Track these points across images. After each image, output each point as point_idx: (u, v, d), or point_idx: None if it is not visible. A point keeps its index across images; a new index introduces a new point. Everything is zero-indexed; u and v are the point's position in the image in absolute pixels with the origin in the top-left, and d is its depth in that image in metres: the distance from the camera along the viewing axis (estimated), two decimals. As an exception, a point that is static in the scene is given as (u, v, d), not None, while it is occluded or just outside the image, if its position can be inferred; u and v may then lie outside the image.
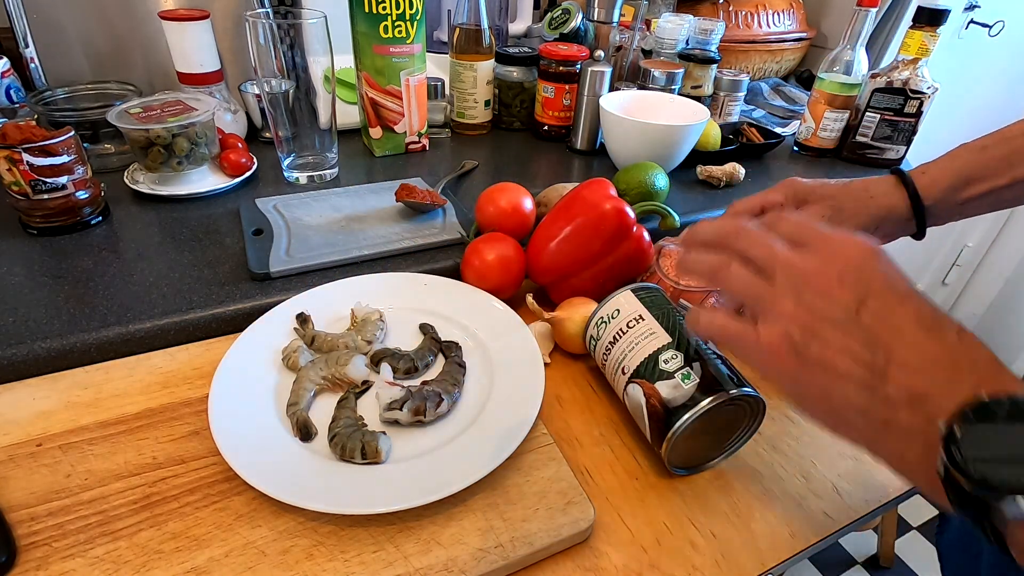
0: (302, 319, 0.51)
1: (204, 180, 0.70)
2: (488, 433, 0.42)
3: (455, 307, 0.54)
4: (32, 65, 0.75)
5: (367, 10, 0.71)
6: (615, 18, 0.96)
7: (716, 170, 0.80)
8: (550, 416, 0.48)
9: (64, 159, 0.57)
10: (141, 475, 0.39)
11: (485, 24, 0.85)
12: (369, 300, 0.53)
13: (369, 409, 0.44)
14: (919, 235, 0.53)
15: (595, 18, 0.97)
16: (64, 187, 0.58)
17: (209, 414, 0.41)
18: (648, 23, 1.00)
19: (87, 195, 0.60)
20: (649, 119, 0.75)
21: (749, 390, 0.40)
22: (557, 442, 0.44)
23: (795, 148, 0.96)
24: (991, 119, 1.70)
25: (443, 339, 0.51)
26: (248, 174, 0.72)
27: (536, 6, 1.14)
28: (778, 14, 1.13)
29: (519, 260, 0.56)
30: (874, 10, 0.83)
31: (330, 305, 0.53)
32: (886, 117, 0.87)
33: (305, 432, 0.42)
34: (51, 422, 0.43)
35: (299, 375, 0.46)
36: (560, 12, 0.99)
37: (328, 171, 0.75)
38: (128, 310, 0.51)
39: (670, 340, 0.43)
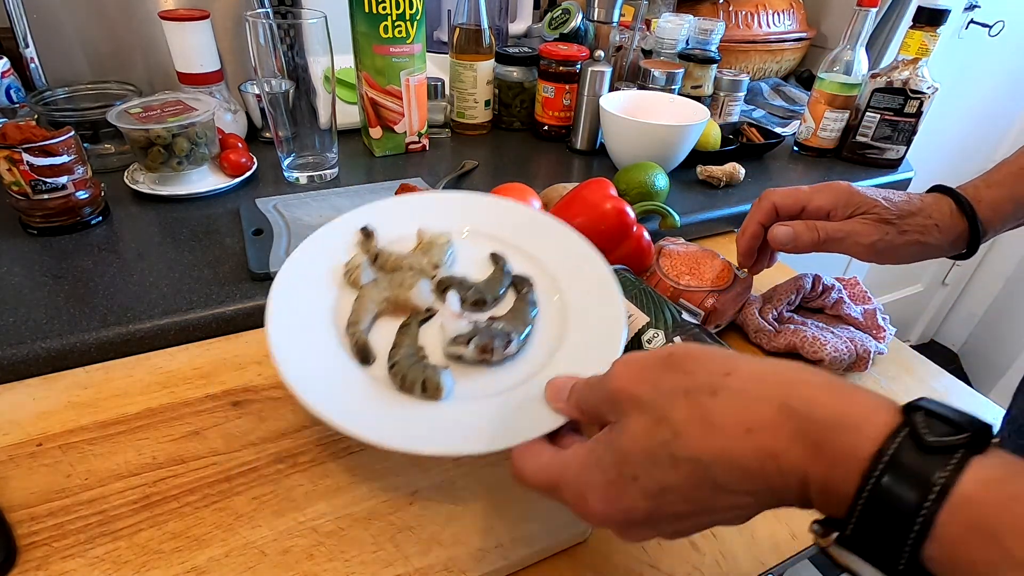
0: (366, 233, 0.47)
1: (204, 180, 0.70)
2: None
3: (530, 238, 0.49)
4: (32, 65, 0.75)
5: (367, 10, 0.71)
6: (615, 18, 0.96)
7: (716, 170, 0.80)
8: (550, 416, 0.48)
9: (64, 159, 0.57)
10: (141, 475, 0.39)
11: (485, 24, 0.85)
12: (438, 220, 0.49)
13: (431, 339, 0.41)
14: (964, 258, 0.50)
15: (595, 18, 0.97)
16: (64, 187, 0.58)
17: (266, 320, 0.39)
18: (648, 23, 1.00)
19: (87, 195, 0.60)
20: (649, 119, 0.75)
21: None
22: (557, 442, 0.44)
23: (795, 148, 0.96)
24: (991, 119, 1.72)
25: (515, 273, 0.46)
26: (248, 174, 0.72)
27: (536, 6, 1.14)
28: (778, 14, 1.13)
29: None
30: (874, 10, 0.83)
31: (395, 221, 0.48)
32: (886, 117, 0.87)
33: (364, 355, 0.39)
34: (51, 422, 0.43)
35: (361, 293, 0.43)
36: (560, 12, 0.99)
37: (328, 171, 0.75)
38: (128, 310, 0.51)
39: (649, 319, 0.45)
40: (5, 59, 0.71)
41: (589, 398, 0.31)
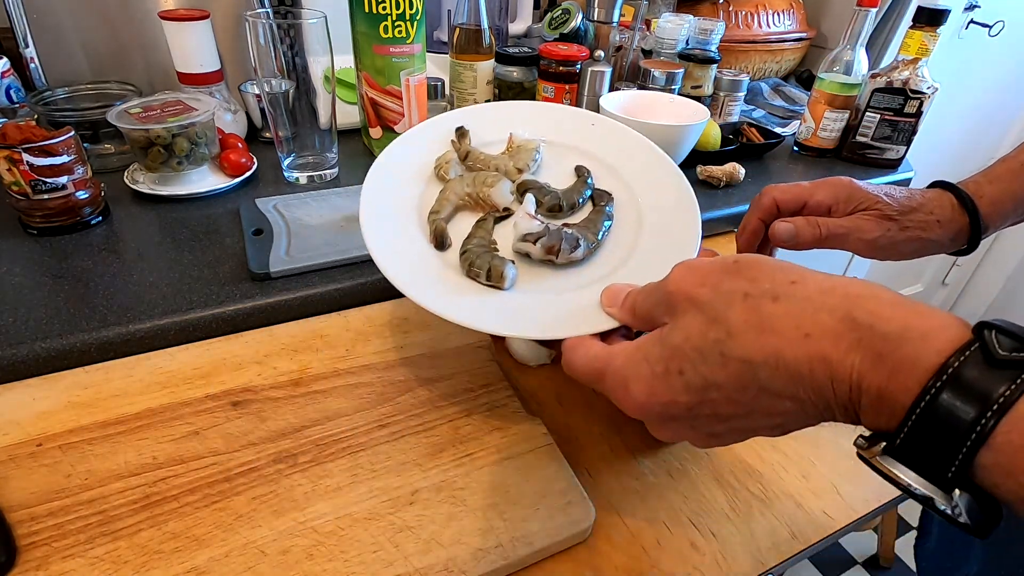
0: (460, 133, 0.50)
1: (204, 180, 0.70)
2: None
3: (619, 154, 0.51)
4: (32, 65, 0.75)
5: (367, 10, 0.71)
6: (615, 18, 0.96)
7: (716, 170, 0.80)
8: (550, 416, 0.48)
9: (64, 159, 0.57)
10: (141, 475, 0.39)
11: (485, 24, 0.85)
12: (531, 129, 0.51)
13: (506, 237, 0.44)
14: (965, 253, 0.51)
15: (595, 18, 0.97)
16: (64, 187, 0.58)
17: (361, 204, 0.43)
18: (648, 23, 1.00)
19: (87, 195, 0.60)
20: (649, 119, 0.75)
21: None
22: (557, 442, 0.44)
23: (795, 148, 0.96)
24: (991, 119, 1.72)
25: (597, 187, 0.48)
26: (248, 174, 0.72)
27: (536, 6, 1.14)
28: (778, 14, 1.13)
29: None
30: (874, 10, 0.83)
31: (491, 125, 0.52)
32: (886, 117, 0.87)
33: (440, 241, 0.43)
34: (51, 422, 0.43)
35: (446, 186, 0.46)
36: (560, 12, 0.99)
37: (328, 171, 0.75)
38: (128, 310, 0.51)
39: None
40: (5, 59, 0.71)
41: (645, 303, 0.32)
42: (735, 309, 0.25)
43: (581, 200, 0.47)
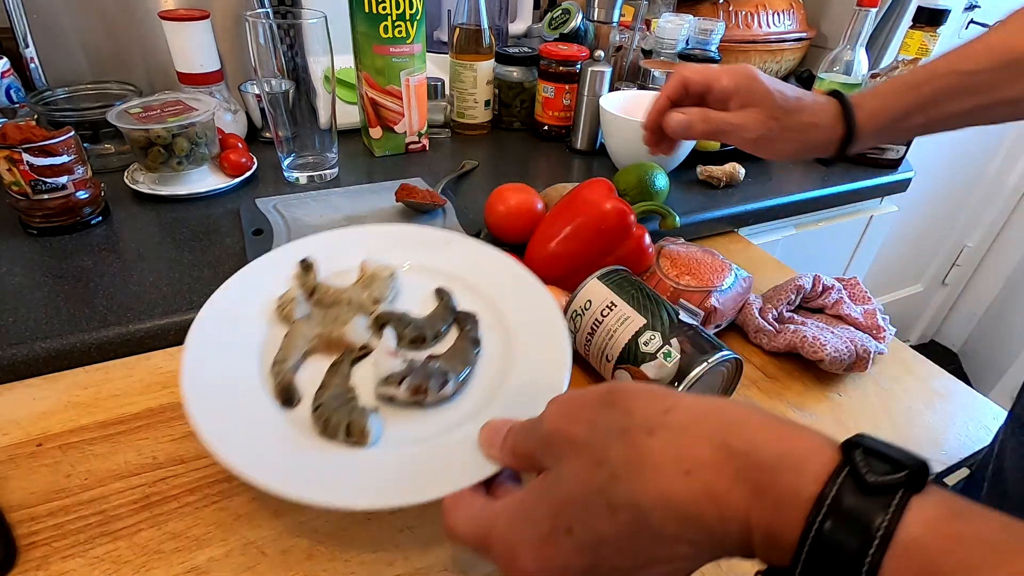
0: (306, 265, 0.46)
1: (204, 180, 0.70)
2: None
3: (479, 273, 0.48)
4: (32, 65, 0.75)
5: (367, 10, 0.71)
6: (615, 18, 0.96)
7: (716, 170, 0.80)
8: (550, 416, 0.48)
9: (64, 159, 0.57)
10: (141, 475, 0.39)
11: (485, 24, 0.85)
12: (383, 254, 0.47)
13: (366, 379, 0.39)
14: (829, 162, 0.54)
15: (595, 18, 0.97)
16: (64, 187, 0.58)
17: (182, 356, 0.37)
18: (648, 23, 1.00)
19: (87, 195, 0.60)
20: (649, 119, 0.75)
21: (726, 353, 0.42)
22: (557, 442, 0.44)
23: (795, 148, 0.95)
24: (991, 119, 1.68)
25: (460, 309, 0.45)
26: (248, 174, 0.72)
27: (536, 6, 1.14)
28: (778, 14, 1.12)
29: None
30: (874, 10, 0.83)
31: (340, 254, 0.47)
32: (886, 117, 0.87)
33: (287, 396, 0.37)
34: (51, 422, 0.43)
35: (291, 329, 0.41)
36: (560, 12, 0.99)
37: (328, 171, 0.75)
38: (128, 310, 0.51)
39: (645, 322, 0.45)
40: (5, 59, 0.71)
41: (524, 442, 0.29)
42: (615, 447, 0.24)
43: (445, 328, 0.43)
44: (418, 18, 0.74)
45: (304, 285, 0.45)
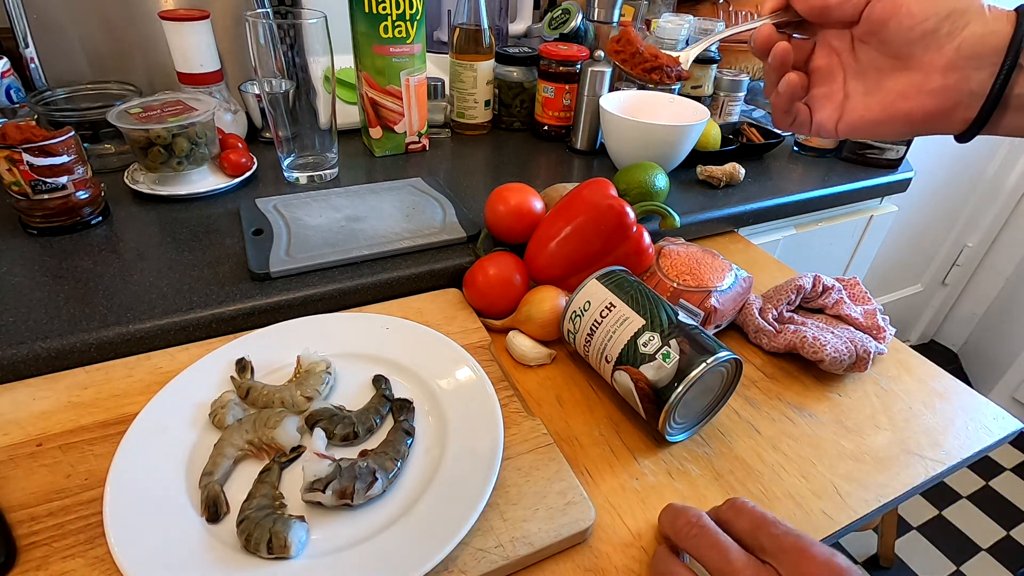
0: (241, 366, 0.46)
1: (204, 180, 0.70)
2: (424, 526, 0.36)
3: (416, 356, 0.48)
4: (32, 65, 0.75)
5: (367, 10, 0.71)
6: (615, 18, 0.96)
7: (716, 170, 0.80)
8: (550, 416, 0.48)
9: (64, 159, 0.57)
10: (141, 475, 0.39)
11: (485, 24, 0.85)
12: (321, 344, 0.49)
13: (296, 484, 0.38)
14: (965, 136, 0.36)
15: (595, 18, 0.97)
16: (64, 187, 0.58)
17: (108, 476, 0.37)
18: (648, 23, 1.00)
19: (87, 195, 0.60)
20: (649, 119, 0.75)
21: (725, 354, 0.42)
22: (557, 442, 0.44)
23: (795, 148, 0.95)
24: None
25: (396, 397, 0.45)
26: (248, 174, 0.72)
27: (536, 6, 1.14)
28: (778, 14, 1.12)
29: (523, 283, 0.56)
30: (874, 10, 0.83)
31: (279, 349, 0.48)
32: (886, 117, 0.86)
33: (213, 511, 0.36)
34: (51, 422, 0.43)
35: (222, 437, 0.40)
36: (560, 12, 0.99)
37: (328, 171, 0.75)
38: (128, 310, 0.51)
39: (644, 323, 0.45)
40: (5, 59, 0.71)
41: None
42: None
43: (379, 420, 0.43)
44: (418, 18, 0.74)
45: (239, 387, 0.45)
